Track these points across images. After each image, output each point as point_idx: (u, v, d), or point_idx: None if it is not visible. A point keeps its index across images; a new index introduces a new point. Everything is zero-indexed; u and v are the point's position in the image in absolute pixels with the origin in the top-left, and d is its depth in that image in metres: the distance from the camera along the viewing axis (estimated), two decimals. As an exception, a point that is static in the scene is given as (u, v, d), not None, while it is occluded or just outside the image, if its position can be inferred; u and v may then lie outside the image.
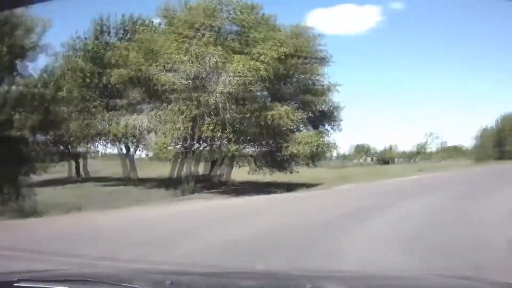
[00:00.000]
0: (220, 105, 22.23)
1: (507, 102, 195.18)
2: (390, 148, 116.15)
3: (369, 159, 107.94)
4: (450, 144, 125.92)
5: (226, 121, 22.99)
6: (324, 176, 35.98)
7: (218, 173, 30.21)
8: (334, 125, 29.59)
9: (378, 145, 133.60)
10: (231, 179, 31.06)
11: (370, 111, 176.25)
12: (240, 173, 30.94)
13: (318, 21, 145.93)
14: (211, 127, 22.92)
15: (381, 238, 10.74)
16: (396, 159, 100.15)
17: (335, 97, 29.36)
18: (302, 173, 29.23)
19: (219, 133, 23.23)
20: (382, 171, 46.67)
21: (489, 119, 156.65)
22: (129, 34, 29.67)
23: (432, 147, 54.15)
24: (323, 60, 28.07)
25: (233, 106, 22.62)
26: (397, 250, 9.13)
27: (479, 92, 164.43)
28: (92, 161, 37.19)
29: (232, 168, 30.54)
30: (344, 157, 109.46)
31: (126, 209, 18.18)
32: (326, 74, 28.37)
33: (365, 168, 68.34)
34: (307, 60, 26.93)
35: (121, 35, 30.51)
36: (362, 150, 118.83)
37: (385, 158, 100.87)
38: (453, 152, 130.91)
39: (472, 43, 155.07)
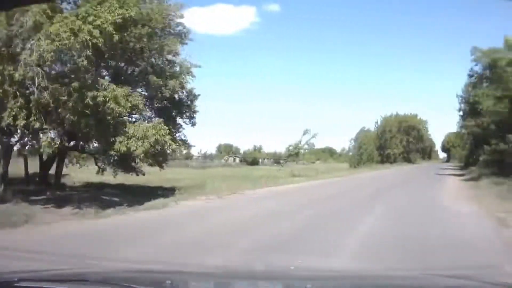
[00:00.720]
0: (37, 80, 16.38)
1: (387, 104, 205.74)
2: (260, 149, 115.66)
3: (234, 159, 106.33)
4: (321, 146, 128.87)
5: (41, 105, 17.13)
6: (183, 178, 32.85)
7: (58, 172, 25.50)
8: (191, 118, 25.65)
9: (245, 145, 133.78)
10: (73, 180, 27.86)
11: (238, 111, 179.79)
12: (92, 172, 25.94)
13: (194, 20, 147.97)
14: (23, 113, 16.91)
15: None
16: (266, 160, 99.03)
17: (193, 84, 25.27)
18: (161, 173, 25.50)
19: (35, 121, 17.13)
20: (251, 175, 41.31)
21: (368, 121, 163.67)
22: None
23: (305, 148, 48.95)
24: (180, 36, 23.74)
25: (56, 85, 16.84)
26: None
27: (356, 93, 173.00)
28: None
29: (69, 166, 27.37)
30: (210, 157, 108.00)
31: None
32: (190, 55, 24.38)
33: (231, 169, 65.15)
34: (160, 33, 22.46)
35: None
36: (230, 150, 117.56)
37: (252, 159, 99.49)
38: (326, 154, 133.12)
39: (349, 44, 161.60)
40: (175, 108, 24.82)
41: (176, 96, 24.36)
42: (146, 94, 23.00)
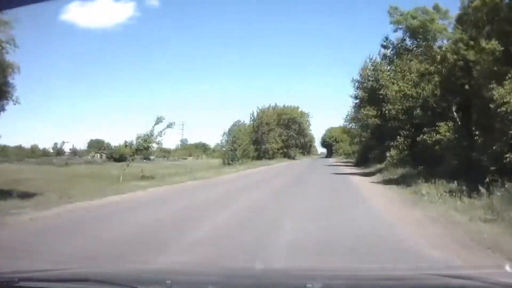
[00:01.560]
0: None
1: (268, 97, 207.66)
2: (131, 144, 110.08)
3: (101, 155, 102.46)
4: (195, 141, 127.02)
5: None
6: (32, 178, 30.92)
7: None
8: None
9: (118, 141, 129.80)
10: None
11: (111, 105, 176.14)
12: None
13: (75, 14, 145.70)
14: None
15: None
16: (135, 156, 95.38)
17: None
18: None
19: None
20: (99, 175, 36.56)
21: (247, 114, 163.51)
22: None
23: (159, 140, 37.18)
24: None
25: None
26: None
27: (237, 85, 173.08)
28: None
29: None
30: (80, 153, 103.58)
31: None
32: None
33: (91, 167, 60.88)
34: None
35: None
36: (101, 146, 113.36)
37: (119, 155, 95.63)
38: (200, 150, 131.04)
39: (229, 36, 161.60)
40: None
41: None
42: None
